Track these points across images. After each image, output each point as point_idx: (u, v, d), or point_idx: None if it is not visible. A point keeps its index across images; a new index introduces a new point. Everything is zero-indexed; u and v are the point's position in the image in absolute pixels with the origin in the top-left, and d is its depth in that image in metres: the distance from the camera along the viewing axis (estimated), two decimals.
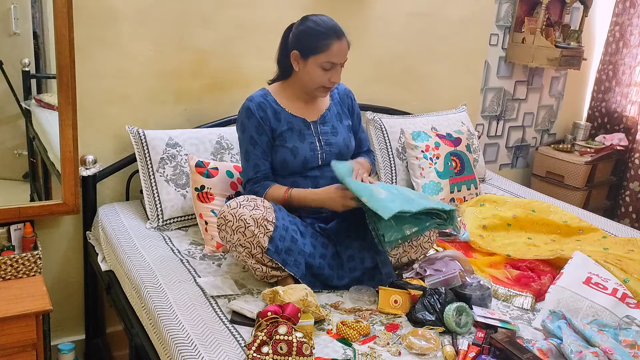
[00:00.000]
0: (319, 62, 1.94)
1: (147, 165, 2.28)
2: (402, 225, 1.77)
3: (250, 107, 2.00)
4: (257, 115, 1.99)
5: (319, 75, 1.96)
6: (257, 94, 2.06)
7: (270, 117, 2.01)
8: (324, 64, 1.94)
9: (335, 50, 1.93)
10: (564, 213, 2.57)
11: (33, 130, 2.36)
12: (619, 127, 3.99)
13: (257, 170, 2.00)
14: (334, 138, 2.09)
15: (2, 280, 2.09)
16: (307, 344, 1.44)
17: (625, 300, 1.88)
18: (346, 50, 1.97)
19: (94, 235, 2.39)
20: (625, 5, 3.88)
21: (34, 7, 2.27)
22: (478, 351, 1.58)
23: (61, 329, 2.52)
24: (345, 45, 1.96)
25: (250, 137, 1.99)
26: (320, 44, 1.92)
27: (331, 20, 1.98)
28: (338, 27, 1.96)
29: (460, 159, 2.79)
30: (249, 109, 2.00)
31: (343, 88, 2.22)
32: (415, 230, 1.79)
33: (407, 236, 1.79)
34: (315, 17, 1.98)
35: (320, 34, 1.93)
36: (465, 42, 3.31)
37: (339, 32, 1.95)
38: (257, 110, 1.99)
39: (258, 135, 1.99)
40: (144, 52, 2.40)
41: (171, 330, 1.62)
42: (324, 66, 1.94)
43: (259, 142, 1.99)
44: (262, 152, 2.00)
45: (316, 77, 1.97)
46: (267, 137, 2.00)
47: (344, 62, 1.98)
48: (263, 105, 2.01)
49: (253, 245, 1.81)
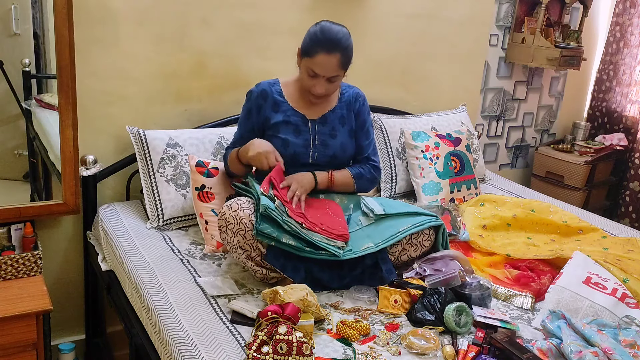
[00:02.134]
0: (305, 66, 1.98)
1: (148, 165, 2.28)
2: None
3: (253, 92, 2.12)
4: (254, 101, 2.10)
5: (306, 79, 2.01)
6: (266, 81, 2.14)
7: (267, 106, 2.07)
8: (308, 69, 1.97)
9: (318, 61, 1.93)
10: (564, 213, 2.58)
11: (33, 130, 2.37)
12: (619, 127, 3.99)
13: (234, 145, 2.14)
14: (331, 140, 2.09)
15: (3, 280, 2.10)
16: (307, 343, 1.44)
17: (625, 300, 1.88)
18: (332, 66, 1.93)
19: (94, 235, 2.39)
20: (625, 5, 3.88)
21: (34, 8, 2.28)
22: (478, 351, 1.58)
23: (61, 328, 2.53)
24: (333, 61, 1.93)
25: (240, 120, 2.16)
26: (310, 49, 1.95)
27: (335, 34, 1.94)
28: (333, 42, 1.92)
29: (460, 159, 2.79)
30: (250, 92, 2.13)
31: (355, 92, 2.19)
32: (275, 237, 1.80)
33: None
34: (326, 24, 1.97)
35: (315, 40, 1.94)
36: (465, 43, 3.31)
37: (331, 47, 1.92)
38: (257, 97, 2.10)
39: (244, 120, 2.13)
40: (144, 52, 2.40)
41: (171, 330, 1.62)
42: (308, 72, 1.98)
43: (245, 125, 2.13)
44: (242, 134, 2.13)
45: (304, 79, 2.02)
46: (251, 124, 2.11)
47: (329, 76, 1.96)
48: (265, 93, 2.09)
49: (253, 248, 1.81)
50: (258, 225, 1.77)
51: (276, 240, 1.78)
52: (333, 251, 1.83)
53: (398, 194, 2.82)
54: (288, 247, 1.80)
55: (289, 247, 1.80)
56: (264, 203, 1.78)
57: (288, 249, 1.81)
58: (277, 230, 1.78)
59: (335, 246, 1.84)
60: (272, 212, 1.77)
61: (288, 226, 1.79)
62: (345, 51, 1.96)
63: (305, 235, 1.81)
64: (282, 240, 1.78)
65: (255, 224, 1.78)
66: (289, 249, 1.81)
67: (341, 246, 1.86)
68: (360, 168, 2.15)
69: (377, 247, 1.91)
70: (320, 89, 1.99)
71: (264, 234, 1.77)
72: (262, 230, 1.77)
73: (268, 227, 1.77)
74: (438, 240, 2.04)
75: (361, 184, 2.14)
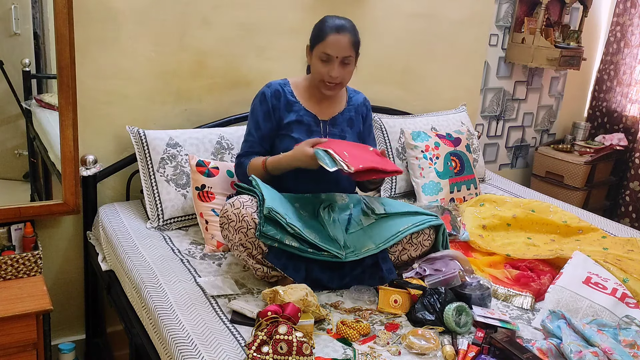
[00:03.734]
0: (318, 53, 2.00)
1: (148, 165, 2.28)
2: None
3: (266, 93, 2.08)
4: (269, 102, 2.07)
5: (319, 67, 2.01)
6: (277, 81, 2.13)
7: (281, 106, 2.07)
8: (321, 54, 1.99)
9: (330, 41, 1.96)
10: (564, 213, 2.58)
11: (33, 130, 2.37)
12: (619, 127, 3.99)
13: (250, 150, 2.08)
14: None
15: (3, 280, 2.10)
16: (307, 343, 1.44)
17: (625, 300, 1.89)
18: (344, 44, 1.97)
19: (94, 235, 2.39)
20: (626, 5, 3.88)
21: (34, 8, 2.28)
22: (478, 351, 1.58)
23: (61, 328, 2.53)
24: (344, 39, 1.97)
25: (256, 122, 2.07)
26: (320, 34, 1.99)
27: (341, 19, 2.01)
28: (341, 24, 1.99)
29: (460, 159, 2.79)
30: (264, 94, 2.08)
31: (362, 97, 2.24)
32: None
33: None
34: (330, 16, 2.04)
35: (323, 26, 2.00)
36: (465, 43, 3.31)
37: (340, 28, 1.98)
38: (271, 97, 2.07)
39: (264, 122, 2.06)
40: (144, 52, 2.40)
41: (171, 330, 1.62)
42: (321, 57, 1.99)
43: (262, 129, 2.07)
44: (261, 137, 2.07)
45: (317, 69, 2.02)
46: (271, 124, 2.07)
47: (342, 57, 1.98)
48: (278, 93, 2.08)
49: (254, 246, 1.82)
50: (261, 227, 1.77)
51: (279, 242, 1.79)
52: (335, 253, 1.83)
53: (398, 194, 2.82)
54: (290, 248, 1.80)
55: (291, 249, 1.81)
56: (268, 206, 1.78)
57: (290, 250, 1.81)
58: (280, 233, 1.78)
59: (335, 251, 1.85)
60: (276, 214, 1.77)
61: (291, 228, 1.79)
62: (354, 32, 2.01)
63: (307, 237, 1.81)
64: (284, 242, 1.79)
65: (259, 225, 1.78)
66: (291, 250, 1.81)
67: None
68: None
69: (378, 248, 1.91)
70: (335, 72, 1.99)
71: (267, 236, 1.78)
72: (266, 232, 1.77)
73: (271, 229, 1.77)
74: (438, 240, 2.05)
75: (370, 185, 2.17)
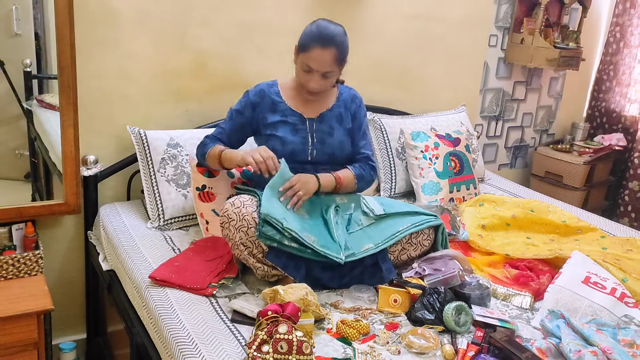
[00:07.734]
0: (300, 62, 2.00)
1: (148, 165, 2.29)
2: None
3: (250, 91, 2.14)
4: (250, 99, 2.11)
5: (301, 75, 2.03)
6: (265, 82, 2.16)
7: (264, 105, 2.09)
8: (303, 64, 1.99)
9: (313, 55, 1.95)
10: (563, 213, 2.58)
11: (34, 131, 2.37)
12: (617, 127, 4.00)
13: (220, 135, 2.14)
14: (329, 138, 2.10)
15: (4, 280, 2.10)
16: (307, 342, 1.45)
17: (624, 300, 1.89)
18: (326, 61, 1.95)
19: (95, 235, 2.40)
20: (625, 6, 3.89)
21: (35, 8, 2.28)
22: (477, 350, 1.59)
23: (62, 328, 2.53)
24: (327, 55, 1.94)
25: (233, 111, 2.15)
26: (306, 44, 1.97)
27: (331, 30, 1.96)
28: (328, 37, 1.94)
29: (459, 159, 2.80)
30: (248, 92, 2.15)
31: (352, 93, 2.21)
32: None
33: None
34: (322, 21, 2.00)
35: (311, 35, 1.97)
36: (464, 43, 3.32)
37: (326, 42, 1.93)
38: (254, 95, 2.12)
39: (238, 113, 2.13)
40: (144, 52, 2.41)
41: (172, 330, 1.62)
42: (303, 67, 1.99)
43: (235, 119, 2.13)
44: (231, 128, 2.14)
45: (299, 74, 2.04)
46: (244, 120, 2.12)
47: (323, 71, 1.97)
48: (262, 93, 2.11)
49: (255, 245, 1.82)
50: (261, 228, 1.78)
51: (278, 242, 1.80)
52: (333, 257, 1.84)
53: (398, 194, 2.82)
54: (290, 248, 1.82)
55: (291, 249, 1.82)
56: (264, 212, 1.79)
57: (290, 250, 1.82)
58: (279, 234, 1.80)
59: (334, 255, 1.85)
60: (272, 219, 1.79)
61: (288, 233, 1.80)
62: (340, 47, 1.97)
63: (304, 241, 1.82)
64: (284, 243, 1.80)
65: (259, 225, 1.79)
66: (291, 251, 1.82)
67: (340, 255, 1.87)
68: (361, 169, 2.15)
69: (378, 247, 1.92)
70: (314, 84, 2.00)
71: (266, 236, 1.79)
72: (265, 233, 1.78)
73: (270, 230, 1.79)
74: (437, 239, 2.05)
75: (361, 185, 2.15)
